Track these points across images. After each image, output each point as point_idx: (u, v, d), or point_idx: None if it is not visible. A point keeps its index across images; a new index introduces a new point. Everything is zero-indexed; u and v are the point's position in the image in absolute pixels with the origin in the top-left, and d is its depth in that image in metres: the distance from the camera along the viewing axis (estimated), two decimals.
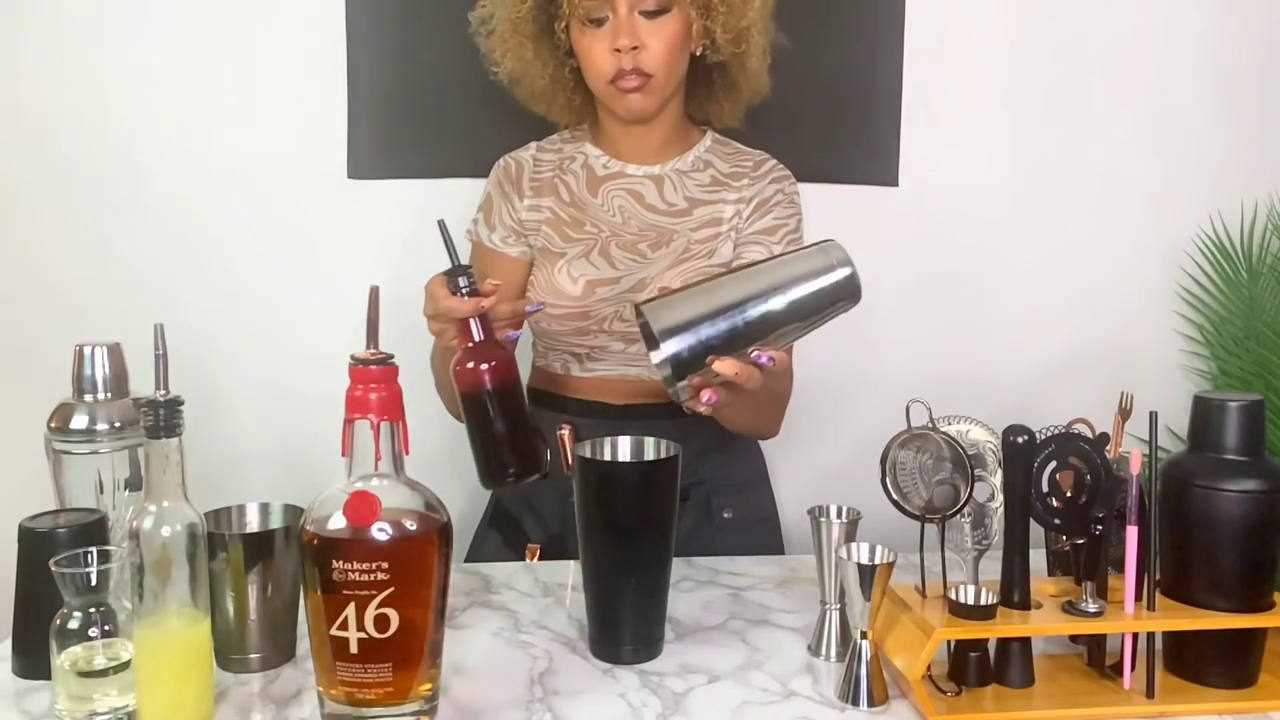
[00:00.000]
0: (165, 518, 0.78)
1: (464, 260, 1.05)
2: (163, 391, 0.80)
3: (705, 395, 0.96)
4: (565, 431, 0.97)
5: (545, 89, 1.35)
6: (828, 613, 0.97)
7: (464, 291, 1.00)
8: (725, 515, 1.34)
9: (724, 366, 0.93)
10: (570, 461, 0.96)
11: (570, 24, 1.25)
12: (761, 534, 1.39)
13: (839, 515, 0.97)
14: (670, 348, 0.93)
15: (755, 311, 0.94)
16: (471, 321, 1.01)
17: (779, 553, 1.38)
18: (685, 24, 1.24)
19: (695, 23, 1.24)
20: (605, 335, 1.29)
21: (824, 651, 0.96)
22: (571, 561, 1.10)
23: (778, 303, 0.94)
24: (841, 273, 0.95)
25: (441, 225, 1.02)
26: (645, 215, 1.32)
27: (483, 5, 1.35)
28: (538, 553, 1.24)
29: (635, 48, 1.21)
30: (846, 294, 0.95)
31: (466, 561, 1.36)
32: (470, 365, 1.00)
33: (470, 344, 1.01)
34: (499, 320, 1.05)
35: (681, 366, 0.93)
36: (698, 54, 1.28)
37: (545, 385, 1.37)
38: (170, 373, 0.80)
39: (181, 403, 0.80)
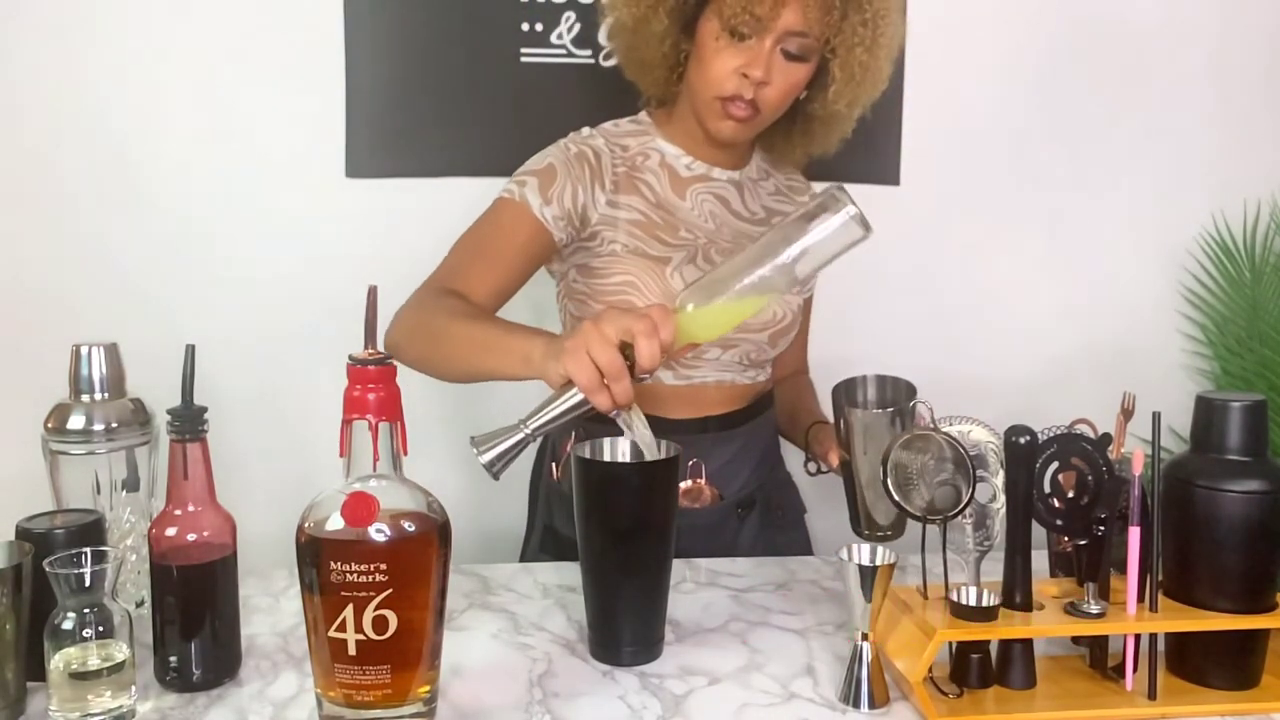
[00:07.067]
0: None
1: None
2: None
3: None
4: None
5: (651, 59, 1.25)
6: None
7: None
8: (779, 513, 1.37)
9: None
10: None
11: (706, 18, 1.18)
12: (799, 529, 1.42)
13: None
14: None
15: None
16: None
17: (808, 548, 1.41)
18: (808, 74, 1.20)
19: (834, 84, 1.20)
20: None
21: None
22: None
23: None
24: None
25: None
26: (734, 223, 1.29)
27: None
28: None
29: (764, 83, 1.16)
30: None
31: None
32: None
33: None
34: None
35: None
36: (800, 98, 1.24)
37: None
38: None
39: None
